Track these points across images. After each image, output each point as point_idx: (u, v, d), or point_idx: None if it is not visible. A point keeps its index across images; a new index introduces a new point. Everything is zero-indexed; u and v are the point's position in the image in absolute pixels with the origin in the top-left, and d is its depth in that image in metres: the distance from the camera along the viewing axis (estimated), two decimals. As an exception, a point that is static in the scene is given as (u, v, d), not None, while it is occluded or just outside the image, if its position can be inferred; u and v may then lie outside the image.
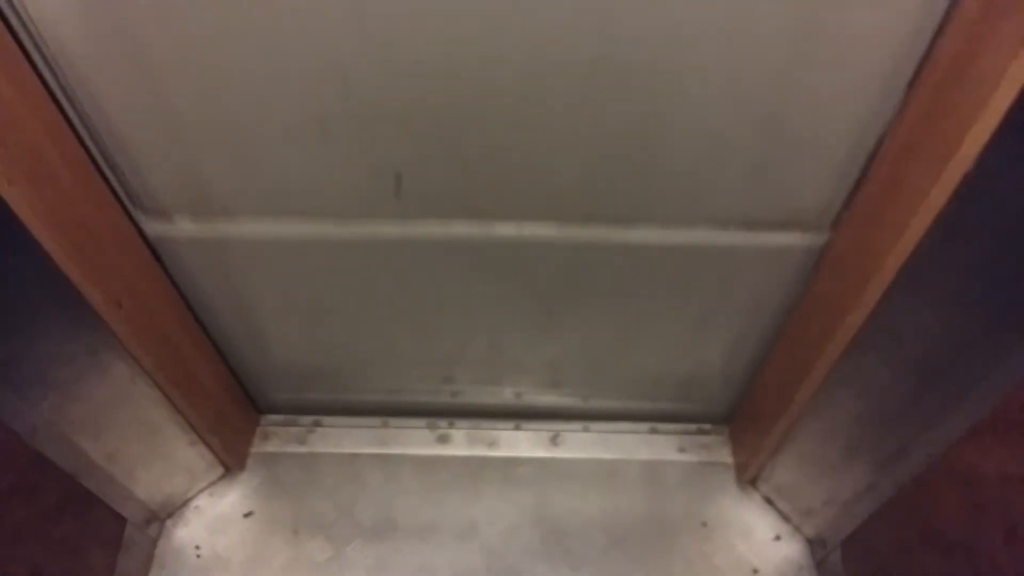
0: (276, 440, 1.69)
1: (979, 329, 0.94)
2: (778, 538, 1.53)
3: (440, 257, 1.23)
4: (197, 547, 1.51)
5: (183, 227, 1.17)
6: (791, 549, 1.51)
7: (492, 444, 1.68)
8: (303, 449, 1.67)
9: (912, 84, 0.91)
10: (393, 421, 1.71)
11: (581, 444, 1.68)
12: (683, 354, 1.47)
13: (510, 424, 1.71)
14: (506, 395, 1.62)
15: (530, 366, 1.53)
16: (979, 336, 0.94)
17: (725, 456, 1.66)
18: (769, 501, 1.58)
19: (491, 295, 1.33)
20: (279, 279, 1.29)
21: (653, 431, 1.69)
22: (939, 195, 0.87)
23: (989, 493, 0.99)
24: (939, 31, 0.84)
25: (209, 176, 1.08)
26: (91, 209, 1.02)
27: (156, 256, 1.21)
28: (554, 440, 1.68)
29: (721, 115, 0.97)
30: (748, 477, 1.58)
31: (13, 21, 0.85)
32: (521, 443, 1.68)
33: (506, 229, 1.17)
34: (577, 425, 1.70)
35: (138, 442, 1.33)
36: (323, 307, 1.36)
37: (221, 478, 1.61)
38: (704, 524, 1.55)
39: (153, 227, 1.17)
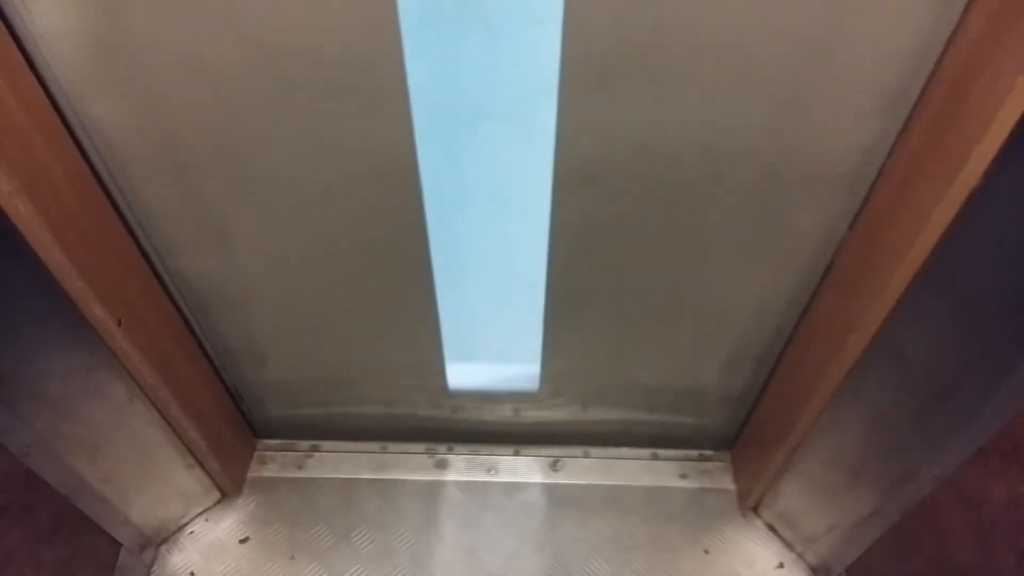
0: (273, 465, 1.67)
1: (985, 348, 0.93)
2: (781, 566, 1.51)
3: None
4: (192, 573, 1.48)
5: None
6: (795, 577, 1.50)
7: (492, 469, 1.66)
8: (301, 474, 1.65)
9: (918, 103, 0.91)
10: (391, 446, 1.69)
11: (582, 470, 1.66)
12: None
13: (510, 449, 1.69)
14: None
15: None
16: (985, 355, 0.93)
17: (727, 482, 1.64)
18: (772, 528, 1.56)
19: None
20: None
21: (654, 457, 1.68)
22: (945, 213, 0.87)
23: (998, 516, 0.97)
24: (945, 49, 0.85)
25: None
26: (93, 224, 1.02)
27: (156, 273, 1.20)
28: (554, 466, 1.67)
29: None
30: (750, 503, 1.56)
31: (20, 33, 0.86)
32: (521, 469, 1.66)
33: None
34: (578, 450, 1.69)
35: (134, 464, 1.32)
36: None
37: (217, 503, 1.59)
38: (706, 551, 1.53)
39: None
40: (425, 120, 0.98)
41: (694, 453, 1.69)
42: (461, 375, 1.52)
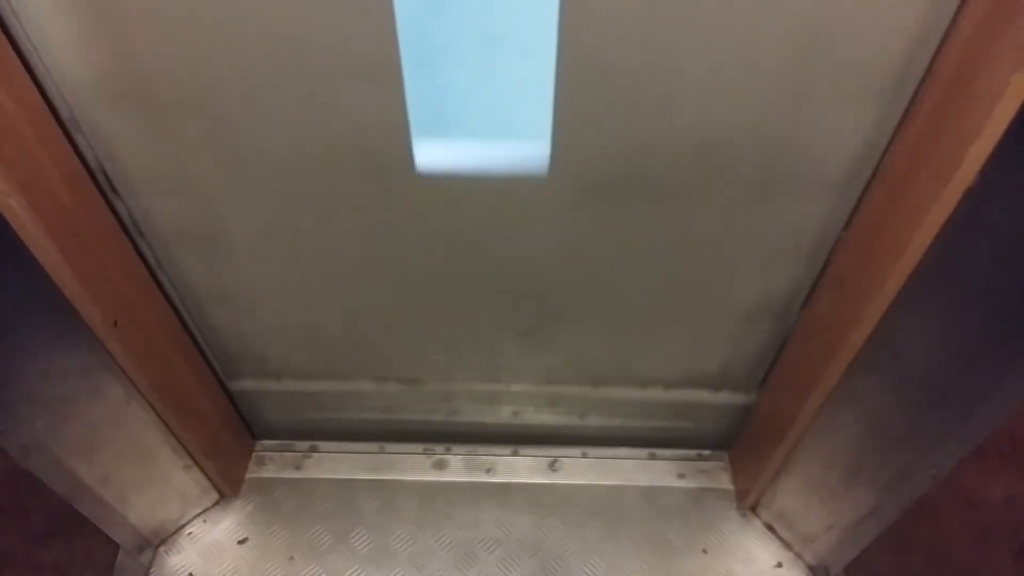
0: (272, 465, 1.67)
1: (982, 348, 0.93)
2: (779, 565, 1.51)
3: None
4: (190, 575, 1.48)
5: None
6: (793, 577, 1.50)
7: (490, 470, 1.66)
8: (299, 475, 1.65)
9: (913, 101, 0.91)
10: (390, 447, 1.69)
11: (580, 470, 1.66)
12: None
13: (508, 450, 1.69)
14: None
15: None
16: (982, 355, 0.94)
17: (725, 482, 1.64)
18: (770, 527, 1.56)
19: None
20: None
21: (652, 457, 1.68)
22: (940, 212, 0.87)
23: (995, 515, 0.98)
24: (940, 47, 0.85)
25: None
26: (89, 225, 1.01)
27: (153, 275, 1.20)
28: (552, 466, 1.67)
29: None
30: (749, 503, 1.56)
31: (15, 34, 0.86)
32: (519, 469, 1.66)
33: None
34: (576, 451, 1.68)
35: (131, 466, 1.32)
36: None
37: (215, 504, 1.59)
38: (704, 551, 1.53)
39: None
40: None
41: (692, 453, 1.69)
42: (435, 152, 1.07)
